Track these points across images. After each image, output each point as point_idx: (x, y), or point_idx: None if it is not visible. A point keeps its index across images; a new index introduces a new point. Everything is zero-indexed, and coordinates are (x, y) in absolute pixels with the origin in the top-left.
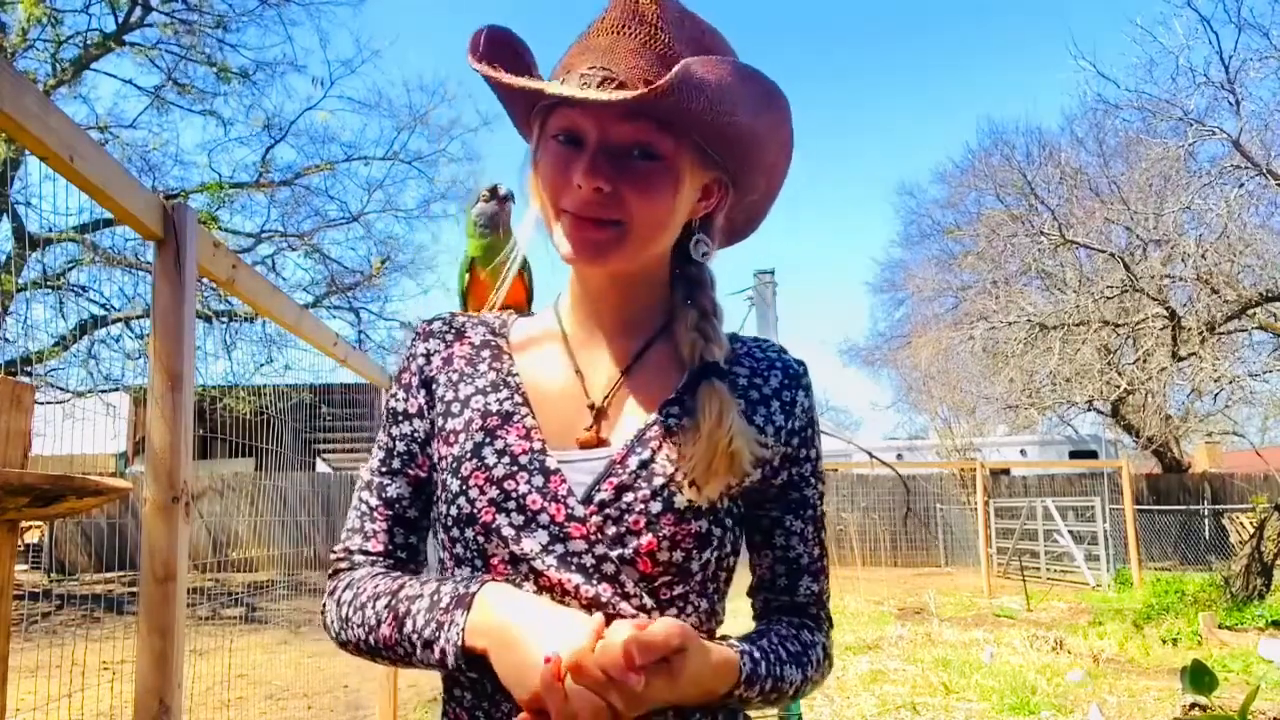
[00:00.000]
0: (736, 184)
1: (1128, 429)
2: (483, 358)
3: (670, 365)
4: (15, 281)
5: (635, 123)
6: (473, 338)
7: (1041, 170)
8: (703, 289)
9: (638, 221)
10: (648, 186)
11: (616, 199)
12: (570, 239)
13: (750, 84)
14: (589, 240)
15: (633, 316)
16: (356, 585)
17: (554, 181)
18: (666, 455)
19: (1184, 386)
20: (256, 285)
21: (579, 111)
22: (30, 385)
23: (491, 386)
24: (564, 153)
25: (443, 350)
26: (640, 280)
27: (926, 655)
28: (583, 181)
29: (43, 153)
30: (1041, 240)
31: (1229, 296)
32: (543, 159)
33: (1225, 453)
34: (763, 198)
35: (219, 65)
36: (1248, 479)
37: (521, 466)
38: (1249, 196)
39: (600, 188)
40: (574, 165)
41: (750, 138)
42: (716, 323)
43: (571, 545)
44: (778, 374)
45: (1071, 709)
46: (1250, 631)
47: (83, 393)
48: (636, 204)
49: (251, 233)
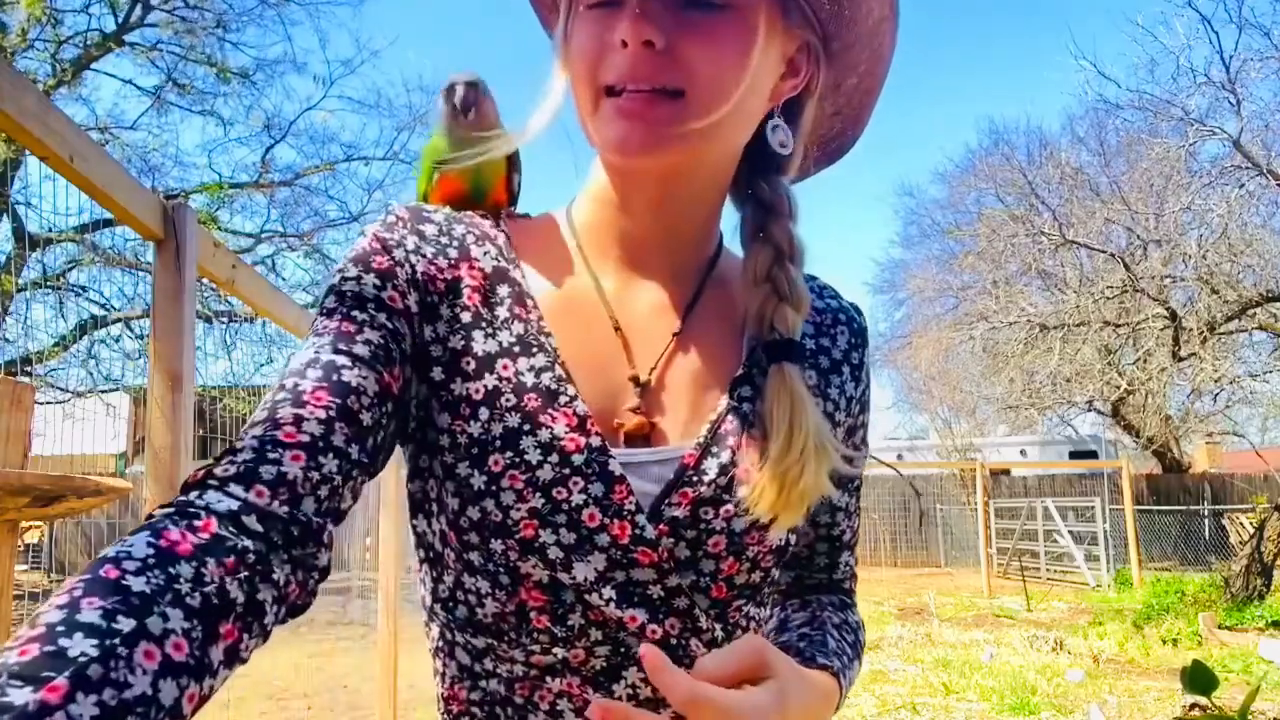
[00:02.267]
0: (830, 56)
1: (1128, 429)
2: (500, 297)
3: (730, 322)
4: (15, 282)
5: None
6: (480, 259)
7: (1042, 170)
8: (779, 218)
9: (702, 87)
10: (713, 38)
11: (672, 58)
12: (615, 122)
13: None
14: (640, 122)
15: (683, 249)
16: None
17: (591, 52)
18: (747, 457)
19: (1184, 387)
20: (256, 285)
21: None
22: (30, 385)
23: (521, 346)
24: (602, 16)
25: (444, 267)
26: (700, 191)
27: (926, 655)
28: (628, 36)
29: (43, 153)
30: (1042, 240)
31: (1229, 297)
32: (577, 29)
33: (1225, 453)
34: (862, 87)
35: (219, 65)
36: (1248, 479)
37: (575, 469)
38: (1249, 196)
39: (650, 40)
40: (616, 23)
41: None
42: (795, 270)
43: (636, 574)
44: (844, 331)
45: (1071, 709)
46: (1250, 632)
47: (83, 393)
48: (698, 62)
49: (251, 233)
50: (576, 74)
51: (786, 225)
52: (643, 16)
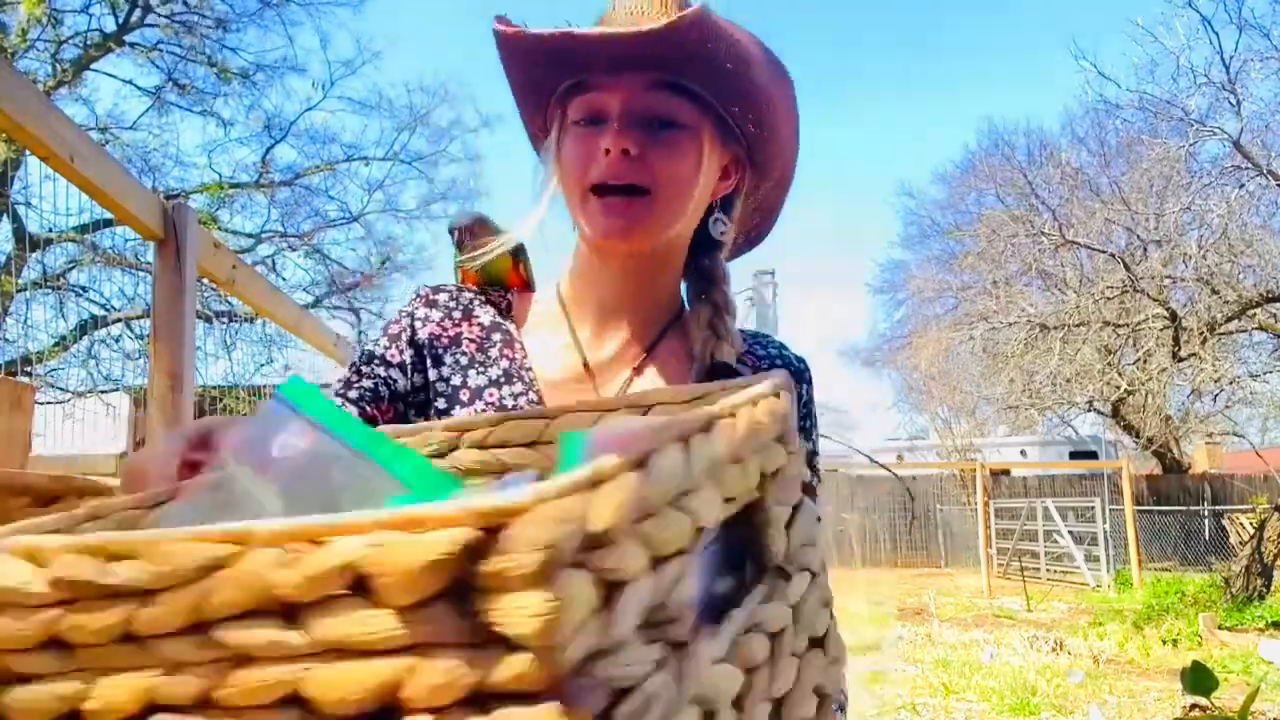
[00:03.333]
0: (754, 164)
1: (1128, 429)
2: (494, 342)
3: (682, 362)
4: (15, 282)
5: (656, 92)
6: (481, 318)
7: (1042, 170)
8: (716, 284)
9: (663, 187)
10: (673, 151)
11: (643, 163)
12: (600, 216)
13: (760, 47)
14: (618, 216)
15: (645, 307)
16: None
17: (580, 158)
18: None
19: (1184, 387)
20: (256, 285)
21: (602, 91)
22: (30, 386)
23: (505, 378)
24: (588, 132)
25: (449, 327)
26: (657, 266)
27: (926, 656)
28: (611, 145)
29: (43, 153)
30: (1042, 240)
31: (1229, 297)
32: (567, 144)
33: (1225, 453)
34: (777, 186)
35: (219, 66)
36: (1248, 480)
37: None
38: (1249, 197)
39: (628, 149)
40: (600, 138)
41: (767, 102)
42: (730, 320)
43: None
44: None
45: (1071, 710)
46: (1250, 632)
47: (83, 393)
48: (661, 168)
49: (251, 233)
50: (568, 175)
51: (723, 289)
52: (622, 132)
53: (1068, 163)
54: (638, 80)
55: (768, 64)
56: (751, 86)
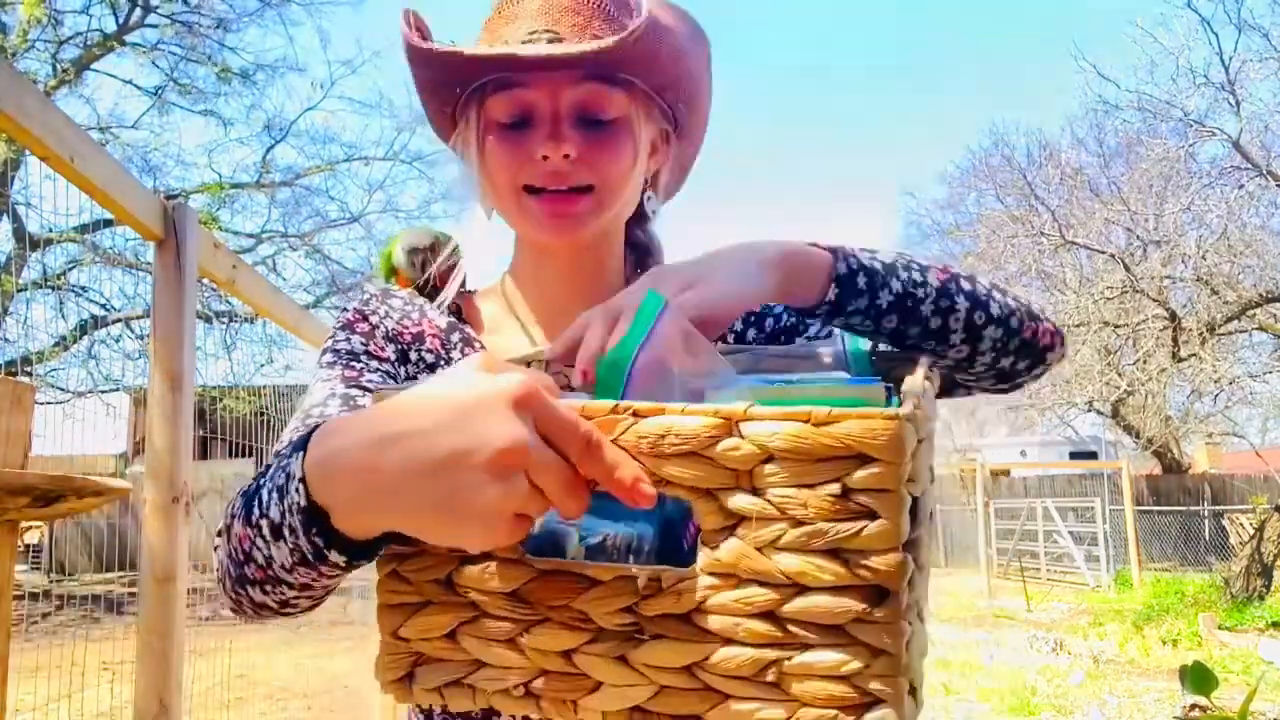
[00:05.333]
0: (679, 134)
1: (1128, 430)
2: (454, 344)
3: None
4: (15, 282)
5: (586, 86)
6: (437, 320)
7: (1042, 171)
8: (653, 255)
9: (606, 183)
10: (612, 146)
11: (583, 163)
12: (545, 216)
13: (685, 20)
14: (566, 214)
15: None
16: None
17: (511, 162)
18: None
19: (1184, 387)
20: (257, 285)
21: (527, 89)
22: (30, 385)
23: None
24: (516, 134)
25: (409, 325)
26: (602, 250)
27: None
28: (549, 151)
29: (43, 153)
30: (1041, 241)
31: (1229, 297)
32: (493, 145)
33: (1225, 454)
34: (693, 145)
35: (219, 66)
36: (1248, 480)
37: None
38: (1249, 197)
39: (568, 154)
40: (530, 140)
41: (692, 79)
42: None
43: None
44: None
45: (1071, 710)
46: (1250, 632)
47: (83, 393)
48: (603, 166)
49: (252, 233)
50: (497, 176)
51: (660, 259)
52: (560, 136)
53: (1067, 163)
54: (565, 76)
55: (691, 35)
56: (685, 71)
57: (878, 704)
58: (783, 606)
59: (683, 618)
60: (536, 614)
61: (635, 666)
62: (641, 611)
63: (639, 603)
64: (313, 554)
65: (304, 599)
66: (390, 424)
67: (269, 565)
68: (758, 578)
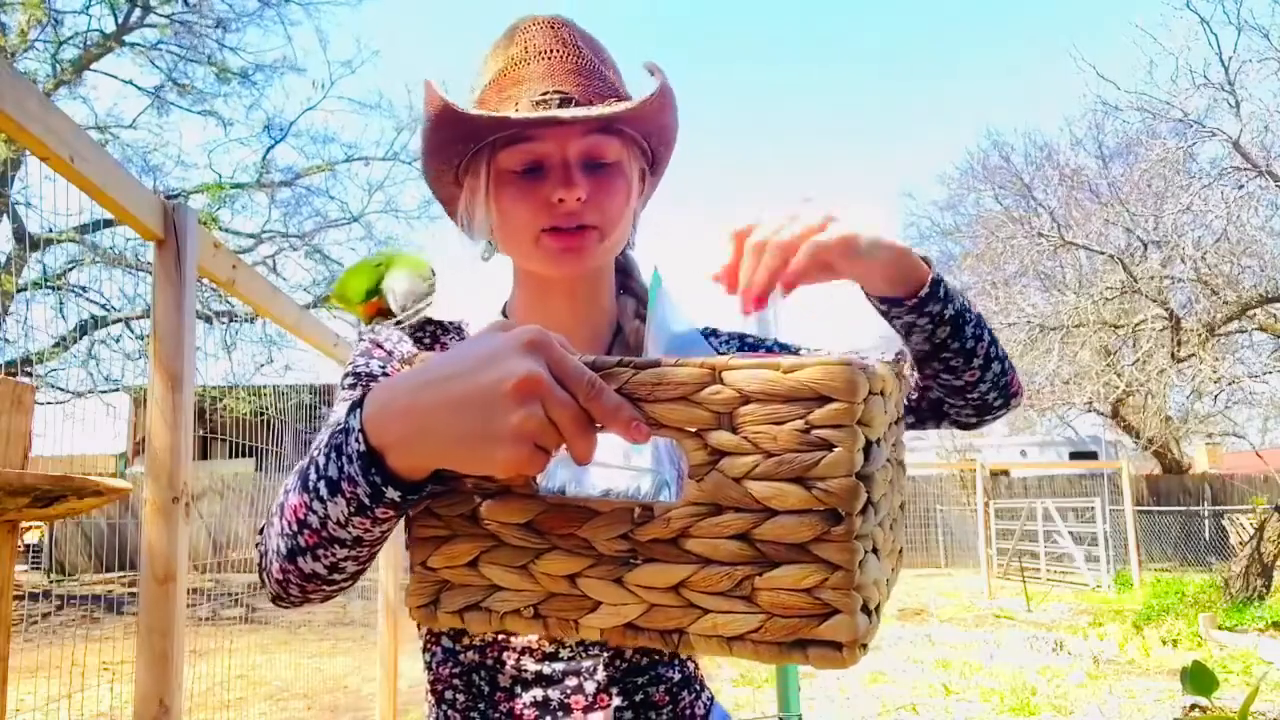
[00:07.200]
0: (655, 172)
1: (1127, 430)
2: None
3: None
4: (15, 282)
5: (591, 137)
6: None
7: (1041, 172)
8: (633, 276)
9: (609, 220)
10: (612, 189)
11: (591, 204)
12: (558, 251)
13: (660, 72)
14: (576, 249)
15: (592, 320)
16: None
17: (527, 208)
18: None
19: (1184, 388)
20: (257, 285)
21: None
22: (30, 386)
23: None
24: (530, 182)
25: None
26: (599, 279)
27: (927, 656)
28: (565, 195)
29: (43, 153)
30: (1041, 241)
31: (1229, 298)
32: (509, 194)
33: (1225, 454)
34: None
35: (219, 65)
36: (1248, 480)
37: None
38: (1249, 198)
39: (580, 197)
40: (544, 186)
41: (671, 127)
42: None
43: None
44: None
45: (1071, 710)
46: (1250, 632)
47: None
48: (606, 206)
49: (252, 233)
50: (512, 222)
51: (638, 277)
52: (573, 182)
53: (1067, 164)
54: (574, 129)
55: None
56: (667, 122)
57: (834, 614)
58: (755, 529)
59: (670, 542)
60: (546, 542)
61: (629, 587)
62: (636, 538)
63: (634, 530)
64: (370, 496)
65: (351, 562)
66: (428, 373)
67: (324, 526)
68: (734, 504)
